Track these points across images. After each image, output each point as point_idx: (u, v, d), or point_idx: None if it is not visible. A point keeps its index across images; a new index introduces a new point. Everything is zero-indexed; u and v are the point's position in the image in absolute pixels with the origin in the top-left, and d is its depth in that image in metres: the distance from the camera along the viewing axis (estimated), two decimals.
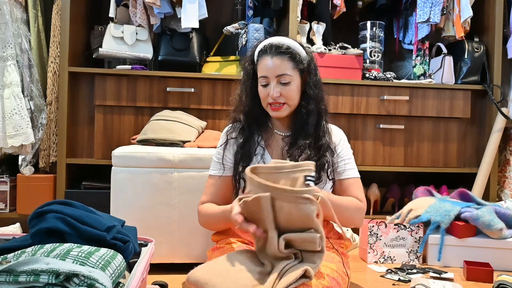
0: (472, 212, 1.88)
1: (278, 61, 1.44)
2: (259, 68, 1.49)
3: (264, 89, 1.47)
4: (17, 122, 2.30)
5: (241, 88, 1.55)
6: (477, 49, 2.65)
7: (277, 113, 1.48)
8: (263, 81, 1.47)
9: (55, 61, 2.42)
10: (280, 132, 1.55)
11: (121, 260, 1.04)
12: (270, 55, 1.45)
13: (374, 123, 2.52)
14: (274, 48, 1.46)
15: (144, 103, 2.36)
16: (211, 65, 2.56)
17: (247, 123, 1.53)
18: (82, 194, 2.25)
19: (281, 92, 1.45)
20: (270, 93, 1.45)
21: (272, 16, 2.62)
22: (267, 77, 1.46)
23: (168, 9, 2.39)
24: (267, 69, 1.45)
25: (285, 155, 1.51)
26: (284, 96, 1.45)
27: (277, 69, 1.44)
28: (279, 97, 1.45)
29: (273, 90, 1.44)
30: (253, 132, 1.53)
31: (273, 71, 1.44)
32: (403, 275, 1.74)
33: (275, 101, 1.46)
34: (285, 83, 1.45)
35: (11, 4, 2.35)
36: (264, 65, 1.46)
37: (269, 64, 1.45)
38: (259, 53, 1.50)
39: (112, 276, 0.98)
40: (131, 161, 1.80)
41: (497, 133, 2.57)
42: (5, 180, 2.41)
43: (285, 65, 1.45)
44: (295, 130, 1.50)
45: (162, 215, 1.80)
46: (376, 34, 2.68)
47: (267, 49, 1.47)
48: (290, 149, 1.48)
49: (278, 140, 1.54)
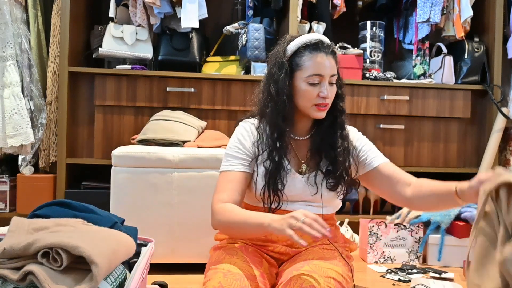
0: (472, 212, 1.88)
1: (332, 60, 1.38)
2: (307, 65, 1.36)
3: (313, 88, 1.36)
4: (17, 122, 2.30)
5: (275, 85, 1.39)
6: (477, 49, 2.65)
7: (322, 114, 1.39)
8: (315, 79, 1.35)
9: (55, 61, 2.42)
10: (297, 137, 1.46)
11: (122, 269, 1.05)
12: (324, 53, 1.36)
13: (374, 123, 2.52)
14: (326, 46, 1.37)
15: (144, 103, 2.36)
16: (211, 65, 2.56)
17: (285, 125, 1.39)
18: (82, 194, 2.25)
19: (330, 93, 1.38)
20: (323, 93, 1.35)
21: (272, 16, 2.62)
22: (321, 76, 1.35)
23: (168, 9, 2.39)
24: (324, 67, 1.35)
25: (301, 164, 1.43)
26: (330, 97, 1.39)
27: (333, 69, 1.37)
28: (329, 98, 1.38)
29: (328, 90, 1.36)
30: (284, 135, 1.40)
31: (329, 70, 1.36)
32: (403, 275, 1.74)
33: (324, 102, 1.37)
34: (333, 83, 1.39)
35: (11, 4, 2.35)
36: (319, 63, 1.35)
37: (325, 63, 1.35)
38: (305, 49, 1.37)
39: (114, 285, 0.98)
40: (131, 161, 1.80)
41: (497, 133, 2.57)
42: (5, 180, 2.41)
43: (335, 65, 1.39)
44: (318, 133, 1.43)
45: (162, 215, 1.80)
46: (376, 34, 2.68)
47: (319, 45, 1.37)
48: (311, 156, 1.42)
49: (296, 146, 1.45)
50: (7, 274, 0.87)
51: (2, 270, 0.88)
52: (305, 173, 1.42)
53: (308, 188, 1.41)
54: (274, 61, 1.42)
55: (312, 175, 1.41)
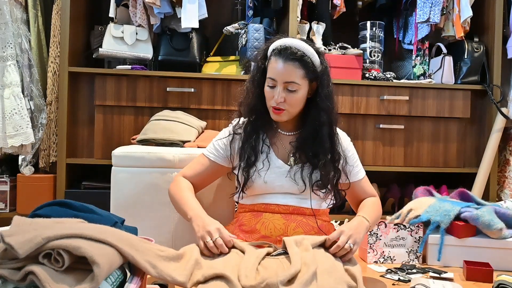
0: (472, 212, 1.88)
1: (289, 67, 1.40)
2: (269, 68, 1.44)
3: (270, 90, 1.45)
4: (17, 122, 2.30)
5: (250, 82, 1.51)
6: (477, 49, 2.65)
7: (277, 117, 1.47)
8: (270, 83, 1.44)
9: (55, 61, 2.42)
10: (284, 132, 1.54)
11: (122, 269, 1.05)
12: (282, 58, 1.41)
13: (374, 123, 2.52)
14: (289, 53, 1.41)
15: (144, 103, 2.36)
16: (211, 65, 2.56)
17: (253, 119, 1.51)
18: (82, 194, 2.25)
19: (285, 98, 1.42)
20: (275, 97, 1.42)
21: (272, 16, 2.62)
22: (275, 80, 1.42)
23: (168, 9, 2.39)
24: (277, 72, 1.41)
25: (289, 157, 1.51)
26: (288, 103, 1.43)
27: (287, 76, 1.40)
28: (283, 103, 1.43)
29: (278, 95, 1.41)
30: (258, 129, 1.51)
31: (282, 77, 1.41)
32: (403, 275, 1.74)
33: (276, 106, 1.44)
34: (292, 90, 1.42)
35: (11, 4, 2.35)
36: (275, 67, 1.42)
37: (279, 68, 1.41)
38: (272, 52, 1.45)
39: (114, 285, 0.98)
40: (131, 161, 1.80)
41: (497, 133, 2.57)
42: (5, 180, 2.41)
43: (295, 72, 1.40)
44: (303, 133, 1.50)
45: (162, 215, 1.80)
46: (376, 34, 2.68)
47: (281, 51, 1.42)
48: (296, 152, 1.50)
49: (283, 139, 1.54)
50: (7, 274, 0.87)
51: (2, 270, 0.88)
52: (292, 166, 1.50)
53: (294, 181, 1.49)
54: (254, 61, 1.55)
55: (298, 167, 1.50)
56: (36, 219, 1.06)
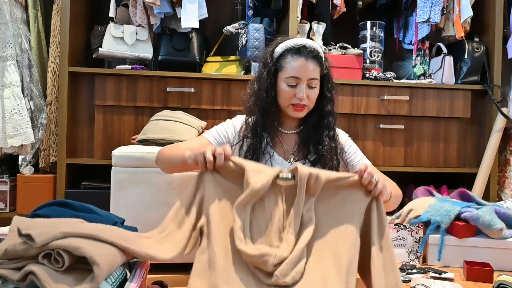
0: (472, 212, 1.88)
1: (312, 65, 1.49)
2: (288, 68, 1.50)
3: (290, 89, 1.50)
4: (17, 122, 2.30)
5: (259, 83, 1.55)
6: (477, 49, 2.65)
7: (298, 114, 1.52)
8: (292, 81, 1.50)
9: (55, 61, 2.42)
10: (286, 130, 1.59)
11: (122, 269, 1.05)
12: (304, 57, 1.49)
13: (374, 123, 2.52)
14: (308, 51, 1.50)
15: (144, 103, 2.36)
16: (211, 65, 2.56)
17: (263, 120, 1.54)
18: (82, 194, 2.25)
19: (308, 95, 1.50)
20: (299, 94, 1.48)
21: (272, 16, 2.62)
22: (298, 78, 1.49)
23: (168, 9, 2.39)
24: (302, 70, 1.49)
25: (289, 155, 1.56)
26: (309, 99, 1.51)
27: (311, 73, 1.49)
28: (305, 100, 1.50)
29: (303, 92, 1.48)
30: (263, 130, 1.55)
31: (307, 74, 1.49)
32: (403, 275, 1.74)
33: (300, 103, 1.50)
34: (313, 87, 1.51)
35: (11, 4, 2.35)
36: (298, 66, 1.49)
37: (303, 66, 1.48)
38: (288, 52, 1.51)
39: (114, 285, 0.98)
40: (131, 161, 1.80)
41: (497, 133, 2.57)
42: (5, 180, 2.41)
43: (316, 70, 1.51)
44: (305, 130, 1.56)
45: (162, 215, 1.78)
46: (376, 34, 2.68)
47: (301, 50, 1.49)
48: (298, 149, 1.55)
49: (284, 139, 1.58)
50: (7, 274, 0.87)
51: (2, 270, 0.88)
52: (292, 164, 1.54)
53: None
54: (261, 61, 1.57)
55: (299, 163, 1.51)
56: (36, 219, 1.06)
